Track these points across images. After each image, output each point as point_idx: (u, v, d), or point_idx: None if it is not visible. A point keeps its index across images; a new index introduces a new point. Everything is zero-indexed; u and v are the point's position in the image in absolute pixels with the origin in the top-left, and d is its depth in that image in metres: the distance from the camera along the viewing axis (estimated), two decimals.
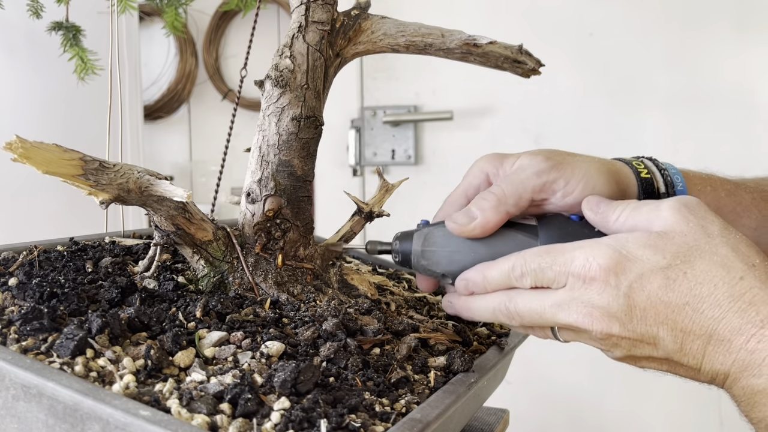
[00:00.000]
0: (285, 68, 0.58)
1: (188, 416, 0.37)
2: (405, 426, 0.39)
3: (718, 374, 0.45)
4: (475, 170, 0.59)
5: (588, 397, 1.77)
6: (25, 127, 1.49)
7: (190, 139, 2.53)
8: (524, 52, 0.64)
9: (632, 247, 0.46)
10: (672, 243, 0.45)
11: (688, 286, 0.44)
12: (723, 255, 0.45)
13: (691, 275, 0.44)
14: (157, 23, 2.41)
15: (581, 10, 1.74)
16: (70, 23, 0.87)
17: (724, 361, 0.44)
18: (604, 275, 0.45)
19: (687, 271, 0.44)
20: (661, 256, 0.45)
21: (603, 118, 1.73)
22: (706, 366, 0.45)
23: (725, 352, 0.43)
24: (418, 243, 0.55)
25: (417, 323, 0.60)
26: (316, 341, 0.51)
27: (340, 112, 1.96)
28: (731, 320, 0.43)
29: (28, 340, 0.43)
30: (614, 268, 0.45)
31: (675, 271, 0.44)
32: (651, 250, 0.45)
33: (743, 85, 1.62)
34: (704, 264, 0.44)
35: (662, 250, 0.45)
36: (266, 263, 0.59)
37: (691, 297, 0.44)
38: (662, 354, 0.46)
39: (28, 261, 0.60)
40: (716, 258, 0.44)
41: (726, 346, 0.43)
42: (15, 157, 0.44)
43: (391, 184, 0.68)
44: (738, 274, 0.44)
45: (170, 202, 0.53)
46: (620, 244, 0.46)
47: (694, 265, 0.44)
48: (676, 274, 0.44)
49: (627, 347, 0.47)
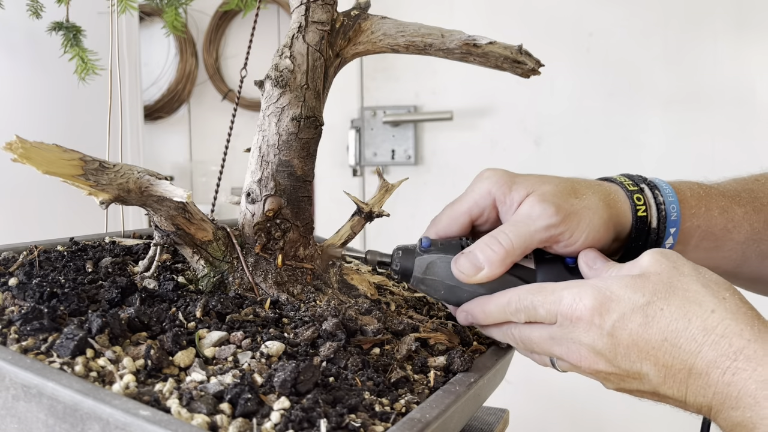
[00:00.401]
0: (285, 68, 0.58)
1: (188, 416, 0.37)
2: (405, 426, 0.40)
3: (702, 407, 0.46)
4: (481, 191, 0.58)
5: (588, 397, 1.77)
6: (25, 127, 1.50)
7: (190, 139, 2.54)
8: (524, 52, 0.64)
9: (615, 287, 0.48)
10: (649, 282, 0.48)
11: (666, 322, 0.46)
12: (694, 291, 0.47)
13: (668, 311, 0.46)
14: (157, 23, 2.41)
15: (581, 10, 1.74)
16: (71, 23, 0.87)
17: (705, 393, 0.45)
18: (589, 315, 0.48)
19: (663, 307, 0.47)
20: (640, 294, 0.47)
21: (602, 118, 1.73)
22: (690, 399, 0.46)
23: (704, 386, 0.45)
24: (420, 269, 0.58)
25: (417, 323, 0.60)
26: (316, 341, 0.51)
27: (340, 112, 1.96)
28: (706, 354, 0.45)
29: (29, 340, 0.43)
30: (599, 308, 0.48)
31: (653, 308, 0.47)
32: (631, 290, 0.48)
33: (743, 84, 1.62)
34: (678, 300, 0.47)
35: (641, 289, 0.47)
36: (266, 263, 0.59)
37: (668, 332, 0.46)
38: (648, 388, 0.48)
39: (28, 261, 0.60)
40: (689, 294, 0.47)
41: (705, 380, 0.45)
42: (15, 158, 0.44)
43: (391, 184, 0.68)
44: (709, 308, 0.46)
45: (170, 202, 0.53)
46: (605, 285, 0.49)
47: (669, 302, 0.47)
48: (654, 311, 0.47)
49: (616, 381, 0.50)
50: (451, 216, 0.59)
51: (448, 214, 0.60)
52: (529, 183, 0.56)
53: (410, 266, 0.58)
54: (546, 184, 0.56)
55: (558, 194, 0.55)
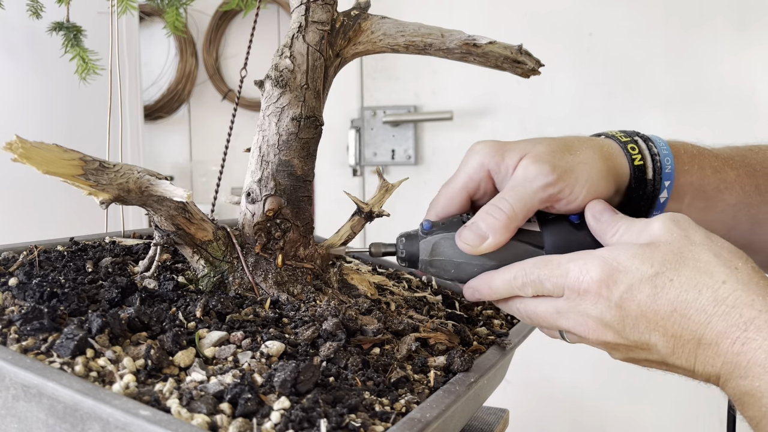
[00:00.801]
0: (285, 68, 0.58)
1: (188, 416, 0.37)
2: (405, 426, 0.40)
3: (711, 376, 0.46)
4: (473, 163, 0.57)
5: (588, 397, 1.77)
6: (25, 127, 1.50)
7: (190, 139, 2.54)
8: (524, 52, 0.64)
9: (622, 258, 0.47)
10: (658, 252, 0.47)
11: (675, 293, 0.46)
12: (706, 261, 0.46)
13: (677, 282, 0.46)
14: (157, 23, 2.41)
15: (581, 10, 1.74)
16: (71, 23, 0.87)
17: (714, 363, 0.45)
18: (597, 287, 0.47)
19: (673, 278, 0.46)
20: (648, 265, 0.47)
21: (602, 118, 1.73)
22: (698, 368, 0.46)
23: (714, 356, 0.45)
24: (426, 251, 0.56)
25: (417, 323, 0.60)
26: (316, 341, 0.51)
27: (340, 112, 1.96)
28: (716, 324, 0.44)
29: (29, 339, 0.43)
30: (606, 280, 0.47)
31: (662, 278, 0.46)
32: (639, 260, 0.47)
33: (743, 84, 1.62)
34: (689, 271, 0.46)
35: (650, 260, 0.47)
36: (266, 263, 0.59)
37: (678, 303, 0.46)
38: (657, 357, 0.48)
39: (28, 261, 0.60)
40: (700, 264, 0.46)
41: (714, 350, 0.45)
42: (15, 157, 0.44)
43: (391, 184, 0.68)
44: (721, 278, 0.45)
45: (170, 202, 0.53)
46: (612, 256, 0.48)
47: (679, 272, 0.46)
48: (663, 282, 0.46)
49: (624, 351, 0.50)
50: (447, 195, 0.59)
51: (445, 193, 0.59)
52: (520, 147, 0.56)
53: (416, 250, 0.57)
54: (538, 145, 0.55)
55: (551, 153, 0.54)
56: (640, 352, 0.49)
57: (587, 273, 0.48)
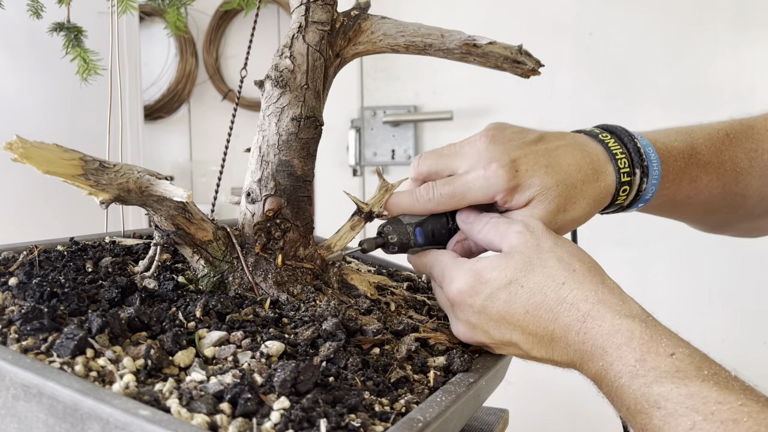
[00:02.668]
0: (285, 68, 0.58)
1: (188, 416, 0.37)
2: (405, 426, 0.40)
3: (568, 363, 0.53)
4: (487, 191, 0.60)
5: (588, 397, 1.77)
6: (26, 127, 1.50)
7: (190, 139, 2.54)
8: (524, 52, 0.64)
9: (484, 271, 0.55)
10: (513, 261, 0.54)
11: (526, 297, 0.53)
12: (550, 266, 0.53)
13: (527, 287, 0.53)
14: (158, 23, 2.41)
15: (581, 9, 1.74)
16: (72, 24, 0.87)
17: (567, 352, 0.52)
18: (462, 297, 0.55)
19: (524, 284, 0.53)
20: (504, 274, 0.54)
21: (602, 118, 1.72)
22: (556, 357, 0.53)
23: (565, 346, 0.52)
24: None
25: (417, 323, 0.60)
26: (316, 341, 0.51)
27: (340, 112, 1.96)
28: (562, 320, 0.51)
29: (29, 339, 0.43)
30: (469, 291, 0.55)
31: (515, 285, 0.53)
32: (497, 271, 0.54)
33: (742, 84, 1.62)
34: (536, 276, 0.53)
35: (505, 269, 0.54)
36: (266, 263, 0.59)
37: (529, 306, 0.52)
38: (522, 352, 0.55)
39: (28, 261, 0.60)
40: (545, 270, 0.53)
41: (564, 342, 0.52)
42: (15, 157, 0.44)
43: (391, 184, 0.68)
44: (561, 281, 0.52)
45: (170, 202, 0.53)
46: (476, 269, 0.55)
47: (528, 278, 0.53)
48: (516, 288, 0.53)
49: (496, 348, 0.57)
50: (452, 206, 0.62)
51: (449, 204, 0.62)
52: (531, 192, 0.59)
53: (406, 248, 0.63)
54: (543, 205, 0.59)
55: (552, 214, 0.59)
56: (509, 348, 0.55)
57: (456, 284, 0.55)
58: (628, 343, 0.47)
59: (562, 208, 0.59)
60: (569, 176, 0.59)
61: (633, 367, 0.46)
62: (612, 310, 0.50)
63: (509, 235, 0.56)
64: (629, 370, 0.46)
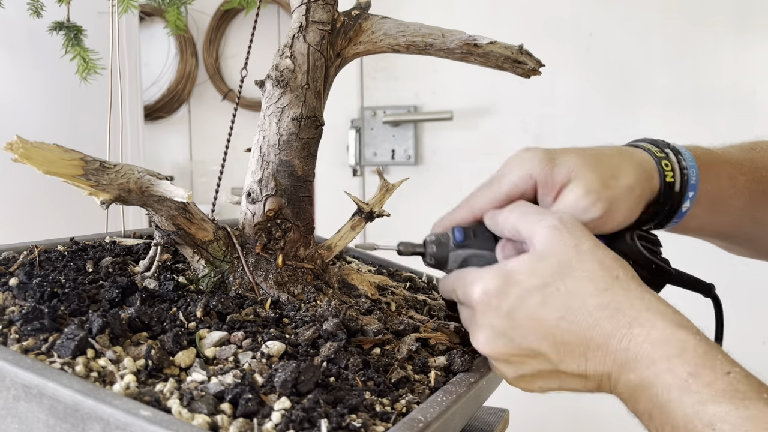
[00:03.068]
0: (285, 68, 0.58)
1: (189, 416, 0.37)
2: (405, 426, 0.40)
3: (603, 376, 0.48)
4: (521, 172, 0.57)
5: (587, 396, 1.77)
6: (26, 127, 1.49)
7: (191, 139, 2.53)
8: (524, 52, 0.64)
9: (515, 272, 0.50)
10: (548, 263, 0.50)
11: (562, 301, 0.48)
12: (590, 270, 0.49)
13: (564, 291, 0.48)
14: (158, 23, 2.41)
15: (581, 10, 1.74)
16: (72, 23, 0.87)
17: (605, 362, 0.47)
18: (487, 299, 0.50)
19: (560, 287, 0.49)
20: (538, 276, 0.49)
21: (603, 118, 1.73)
22: (590, 370, 0.48)
23: (604, 355, 0.47)
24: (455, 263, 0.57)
25: (417, 323, 0.60)
26: (317, 341, 0.51)
27: (340, 112, 1.96)
28: (604, 326, 0.47)
29: (29, 340, 0.43)
30: (496, 292, 0.50)
31: (550, 288, 0.49)
32: (530, 272, 0.49)
33: (742, 84, 1.62)
34: (574, 280, 0.49)
35: (539, 271, 0.49)
36: (267, 263, 0.59)
37: (565, 311, 0.48)
38: (549, 367, 0.50)
39: (28, 261, 0.60)
40: (584, 273, 0.49)
41: (603, 350, 0.47)
42: (16, 158, 0.44)
43: (391, 184, 0.68)
44: (603, 286, 0.48)
45: (171, 202, 0.53)
46: (506, 270, 0.50)
47: (566, 282, 0.49)
48: (551, 291, 0.49)
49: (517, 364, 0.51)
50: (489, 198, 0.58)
51: (487, 196, 0.58)
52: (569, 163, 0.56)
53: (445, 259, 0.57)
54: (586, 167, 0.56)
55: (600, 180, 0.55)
56: (532, 361, 0.50)
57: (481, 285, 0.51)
58: (680, 354, 0.44)
59: (609, 174, 0.56)
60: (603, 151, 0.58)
61: (685, 381, 0.43)
62: (663, 318, 0.46)
63: (540, 229, 0.51)
64: (680, 384, 0.43)
